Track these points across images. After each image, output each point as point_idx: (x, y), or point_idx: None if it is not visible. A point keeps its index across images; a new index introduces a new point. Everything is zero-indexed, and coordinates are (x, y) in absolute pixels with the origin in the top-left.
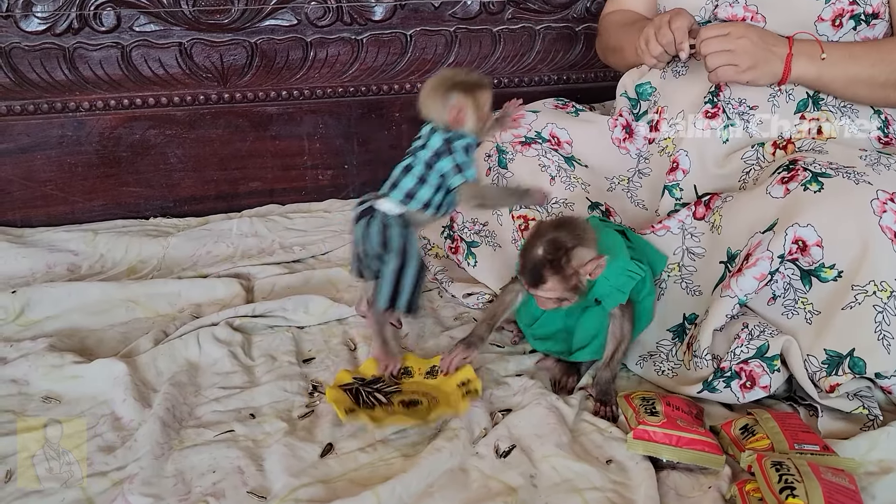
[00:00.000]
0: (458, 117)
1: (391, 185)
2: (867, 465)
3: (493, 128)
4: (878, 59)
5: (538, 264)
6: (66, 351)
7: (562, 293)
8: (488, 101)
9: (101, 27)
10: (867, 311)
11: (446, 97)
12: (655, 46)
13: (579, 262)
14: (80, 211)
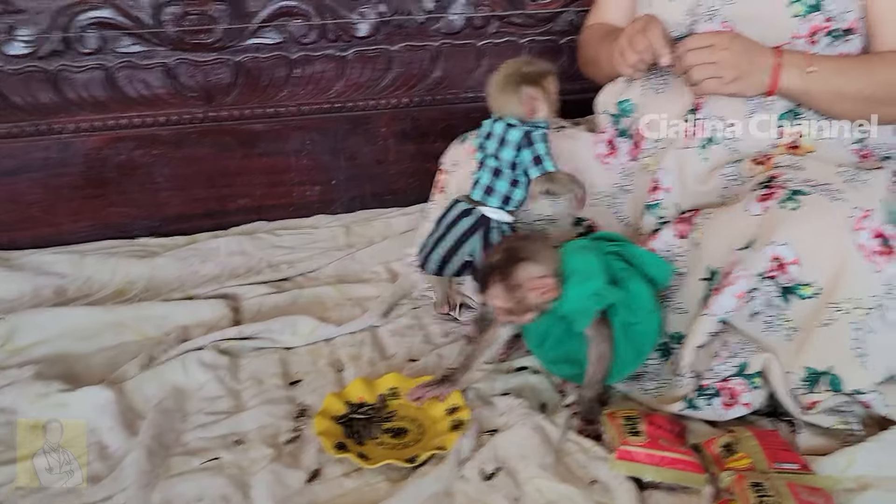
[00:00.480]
0: (532, 108)
1: (484, 191)
2: (845, 482)
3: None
4: (865, 73)
5: (487, 270)
6: (52, 378)
7: (506, 303)
8: (555, 85)
9: (85, 49)
10: (844, 329)
11: (518, 90)
12: (631, 55)
13: (524, 276)
14: (67, 232)
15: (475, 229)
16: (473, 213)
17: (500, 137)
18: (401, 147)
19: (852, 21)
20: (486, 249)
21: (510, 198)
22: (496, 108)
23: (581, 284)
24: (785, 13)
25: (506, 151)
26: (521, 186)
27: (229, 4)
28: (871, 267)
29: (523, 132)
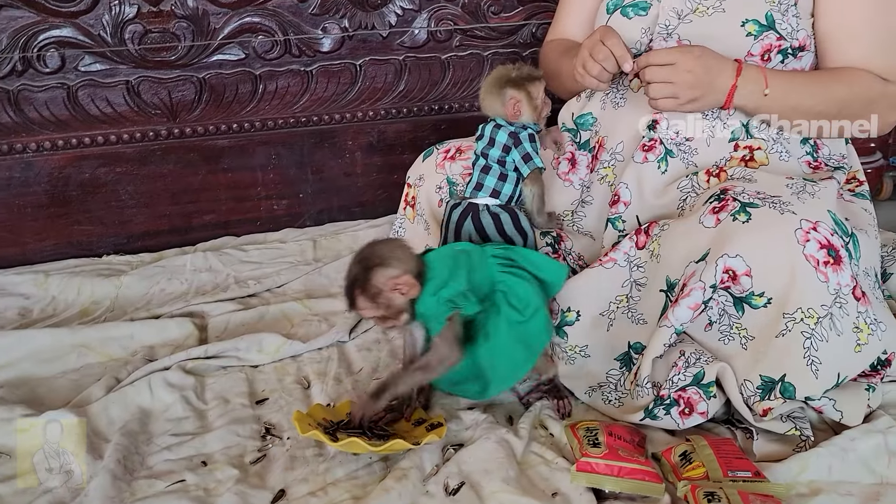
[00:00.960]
0: (515, 110)
1: (475, 187)
2: (798, 487)
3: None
4: (818, 91)
5: (350, 284)
6: (15, 403)
7: (375, 312)
8: (541, 91)
9: (46, 69)
10: (796, 338)
11: (502, 93)
12: (593, 65)
13: (381, 280)
14: (32, 252)
15: (465, 216)
16: (461, 204)
17: (490, 138)
18: (368, 160)
19: (802, 39)
20: (479, 231)
21: (499, 192)
22: (484, 109)
23: (436, 289)
24: (739, 32)
25: (493, 150)
26: (509, 181)
27: (191, 21)
28: (820, 277)
29: (509, 133)
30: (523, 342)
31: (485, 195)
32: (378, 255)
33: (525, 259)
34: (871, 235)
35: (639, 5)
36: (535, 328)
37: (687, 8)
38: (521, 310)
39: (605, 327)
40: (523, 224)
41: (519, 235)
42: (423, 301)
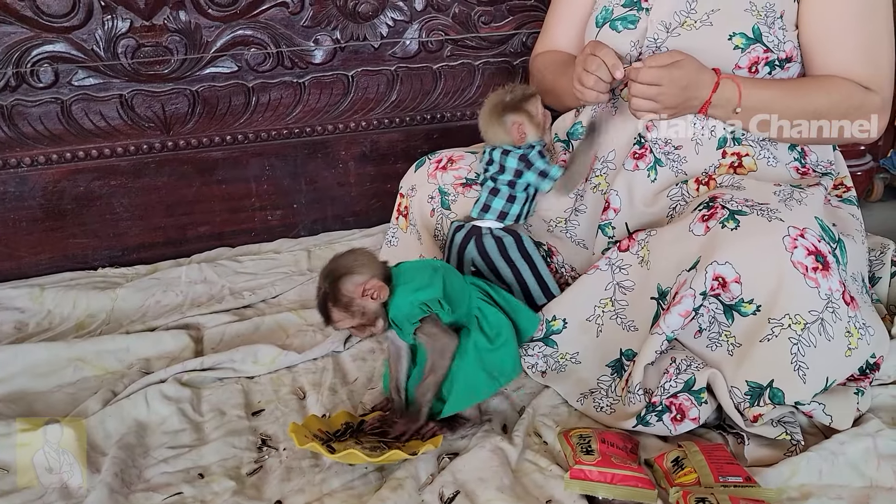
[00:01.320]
0: (519, 133)
1: (482, 209)
2: (789, 492)
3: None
4: (795, 103)
5: (321, 300)
6: (12, 418)
7: (353, 322)
8: (538, 106)
9: (39, 83)
10: (783, 344)
11: (503, 121)
12: (588, 77)
13: (350, 288)
14: (27, 265)
15: (468, 240)
16: (465, 227)
17: (499, 164)
18: (361, 169)
19: (789, 50)
20: (482, 255)
21: (506, 213)
22: (489, 141)
23: (409, 292)
24: (726, 46)
25: (504, 175)
26: (517, 202)
27: (184, 35)
28: (810, 283)
29: (518, 157)
30: (487, 370)
31: (492, 217)
32: (343, 266)
33: (503, 299)
34: (857, 241)
35: (627, 19)
36: (501, 360)
37: (675, 21)
38: (491, 337)
39: (594, 333)
40: (528, 248)
41: (524, 260)
42: (395, 303)
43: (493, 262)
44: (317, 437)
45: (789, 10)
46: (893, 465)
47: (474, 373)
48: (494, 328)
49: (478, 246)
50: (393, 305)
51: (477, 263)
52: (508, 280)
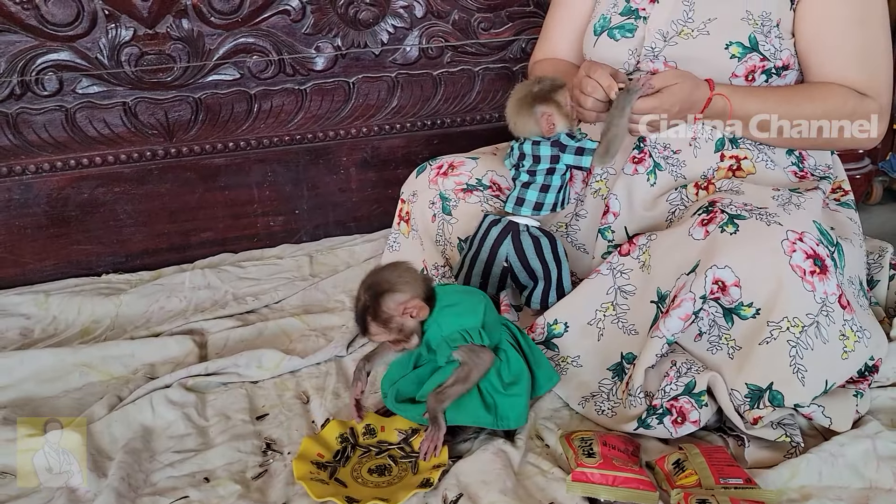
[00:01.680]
0: (549, 124)
1: (516, 202)
2: (789, 493)
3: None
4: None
5: (360, 311)
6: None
7: (389, 336)
8: (567, 97)
9: (44, 92)
10: (782, 346)
11: (533, 112)
12: (585, 99)
13: (392, 305)
14: (32, 272)
15: (504, 235)
16: (501, 222)
17: (532, 156)
18: (362, 175)
19: (786, 58)
20: (518, 252)
21: (541, 203)
22: (518, 132)
23: (453, 315)
24: (723, 55)
25: (541, 165)
26: (552, 191)
27: (187, 43)
28: (806, 287)
29: (550, 143)
30: (485, 406)
31: (527, 210)
32: (386, 281)
33: (529, 348)
34: (855, 244)
35: (625, 27)
36: (508, 407)
37: (672, 30)
38: (506, 383)
39: (595, 337)
40: (560, 252)
41: (555, 263)
42: (437, 324)
43: (527, 259)
44: (315, 463)
45: (786, 19)
46: (892, 466)
47: (472, 404)
48: (513, 375)
49: (514, 243)
50: (433, 325)
51: (510, 259)
52: (538, 276)
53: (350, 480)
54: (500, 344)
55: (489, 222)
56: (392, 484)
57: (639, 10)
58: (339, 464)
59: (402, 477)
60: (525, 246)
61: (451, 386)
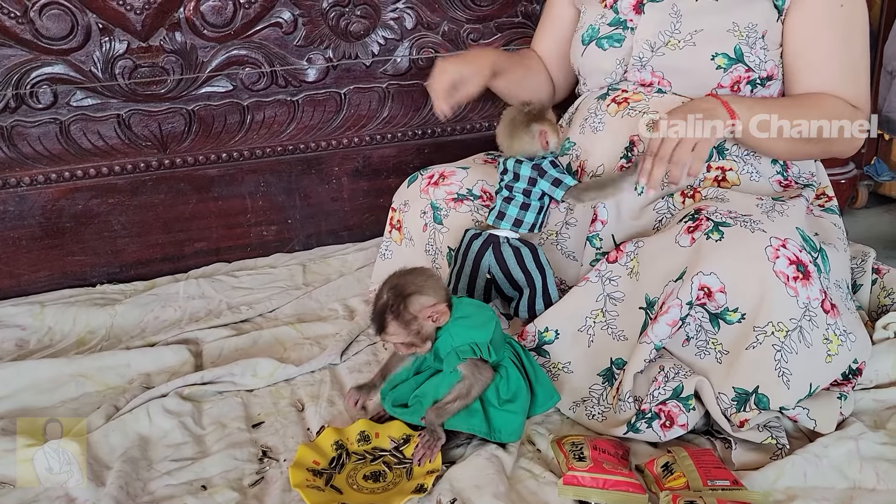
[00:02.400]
0: (545, 141)
1: (497, 216)
2: (775, 494)
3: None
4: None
5: (380, 311)
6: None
7: (405, 338)
8: (553, 115)
9: (39, 104)
10: (767, 351)
11: (529, 130)
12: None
13: (417, 308)
14: (26, 283)
15: (485, 248)
16: (482, 235)
17: (514, 173)
18: (354, 185)
19: (770, 69)
20: (500, 263)
21: (521, 221)
22: (510, 151)
23: (466, 328)
24: (709, 66)
25: (518, 183)
26: (532, 210)
27: (180, 56)
28: (789, 292)
29: (531, 166)
30: (477, 416)
31: (507, 225)
32: (413, 283)
33: (531, 366)
34: (840, 249)
35: (613, 37)
36: (503, 421)
37: (660, 41)
38: (503, 399)
39: (585, 343)
40: (542, 260)
41: (538, 271)
42: (449, 333)
43: (509, 270)
44: (314, 472)
45: (772, 30)
46: (876, 466)
47: (469, 416)
48: (511, 392)
49: (495, 254)
50: (445, 335)
51: (493, 271)
52: (521, 286)
53: (345, 487)
54: (502, 360)
55: (470, 236)
56: (387, 490)
57: (626, 20)
58: (334, 471)
59: (396, 483)
60: (506, 257)
61: (451, 402)
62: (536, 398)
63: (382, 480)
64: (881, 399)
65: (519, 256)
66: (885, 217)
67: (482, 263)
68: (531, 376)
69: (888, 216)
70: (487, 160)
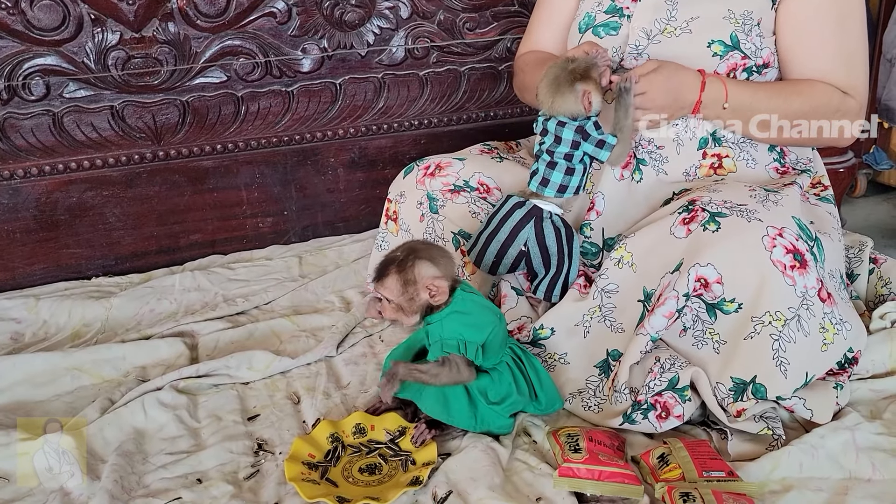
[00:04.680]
0: (588, 101)
1: (541, 182)
2: (770, 485)
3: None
4: (779, 104)
5: (387, 261)
6: (12, 427)
7: (397, 297)
8: (599, 74)
9: (31, 96)
10: (765, 340)
11: (573, 89)
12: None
13: (421, 273)
14: (21, 276)
15: (527, 220)
16: (526, 205)
17: (555, 136)
18: (350, 175)
19: (766, 56)
20: (539, 238)
21: (566, 186)
22: (551, 111)
23: (460, 322)
24: (705, 53)
25: (560, 147)
26: (576, 174)
27: (173, 46)
28: (787, 281)
29: (574, 129)
30: (476, 414)
31: (552, 192)
32: (428, 252)
33: (533, 369)
34: (834, 238)
35: (610, 25)
36: (491, 418)
37: (656, 29)
38: (490, 402)
39: (581, 335)
40: (575, 247)
41: (568, 256)
42: (441, 322)
43: (546, 247)
44: (310, 465)
45: (767, 18)
46: (871, 457)
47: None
48: (499, 396)
49: (536, 229)
50: (436, 322)
51: (529, 244)
52: (552, 265)
53: (341, 480)
54: (497, 365)
55: (513, 203)
56: (382, 483)
57: (623, 8)
58: (330, 463)
59: (392, 475)
60: (546, 233)
61: (421, 371)
62: (539, 403)
63: (378, 473)
64: (877, 389)
65: (559, 236)
66: (884, 206)
67: (520, 235)
68: (534, 381)
69: (887, 205)
70: (484, 151)
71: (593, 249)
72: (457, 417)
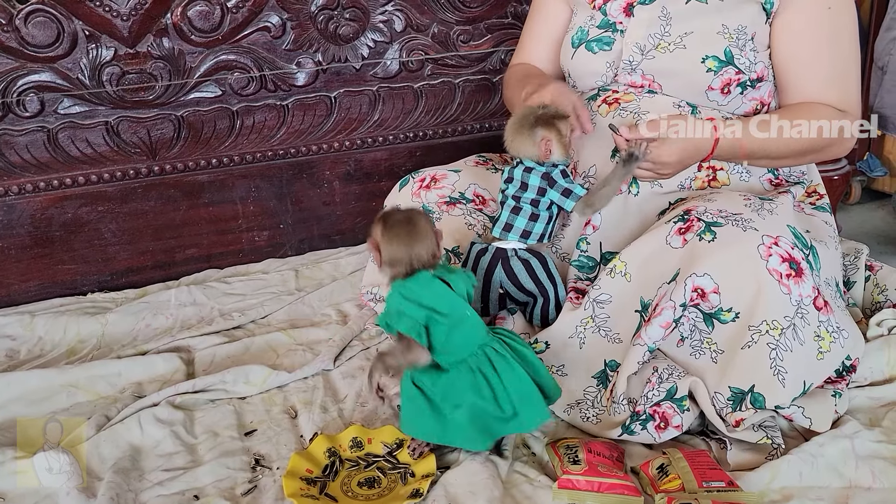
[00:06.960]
0: (546, 149)
1: (504, 227)
2: (770, 494)
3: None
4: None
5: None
6: (7, 445)
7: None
8: (568, 128)
9: (26, 113)
10: (762, 350)
11: (533, 133)
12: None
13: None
14: (17, 293)
15: (494, 263)
16: (489, 250)
17: (521, 182)
18: (346, 188)
19: (760, 70)
20: (510, 277)
21: (529, 232)
22: (513, 151)
23: (396, 301)
24: (700, 69)
25: (526, 193)
26: (541, 221)
27: (168, 61)
28: (783, 290)
29: (541, 175)
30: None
31: (514, 236)
32: (409, 215)
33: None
34: (830, 247)
35: (603, 40)
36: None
37: (650, 44)
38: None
39: (576, 346)
40: (552, 269)
41: (549, 281)
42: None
43: (521, 283)
44: (308, 481)
45: (761, 32)
46: (871, 465)
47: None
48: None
49: (505, 269)
50: (388, 294)
51: (505, 285)
52: (536, 295)
53: (340, 494)
54: (457, 364)
55: (477, 251)
56: (382, 496)
57: (616, 23)
58: (328, 478)
59: (391, 488)
60: (517, 271)
61: (387, 354)
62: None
63: (377, 486)
64: (876, 396)
65: (529, 268)
66: (878, 212)
67: (493, 279)
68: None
69: (881, 211)
70: (479, 163)
71: (590, 263)
72: (451, 436)
